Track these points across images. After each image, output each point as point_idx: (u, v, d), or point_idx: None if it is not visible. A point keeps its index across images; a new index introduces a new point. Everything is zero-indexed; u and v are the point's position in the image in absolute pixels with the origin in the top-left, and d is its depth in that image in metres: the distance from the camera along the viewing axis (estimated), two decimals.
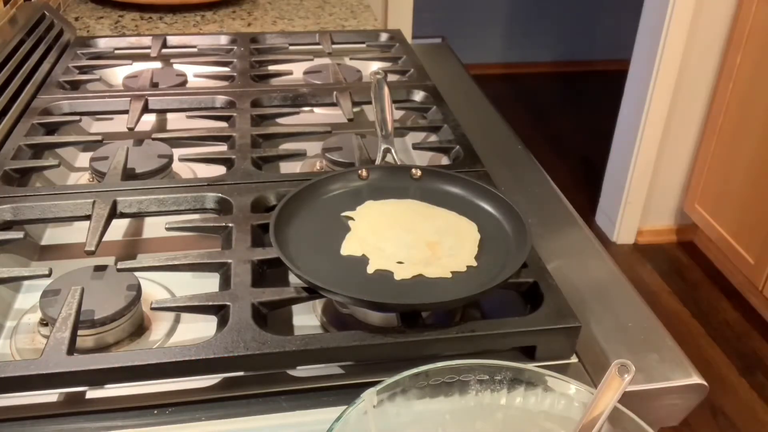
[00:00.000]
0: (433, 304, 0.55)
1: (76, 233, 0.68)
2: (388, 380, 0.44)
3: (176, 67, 1.04)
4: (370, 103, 0.90)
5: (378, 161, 0.73)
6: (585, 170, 3.04)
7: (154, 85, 0.96)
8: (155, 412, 0.49)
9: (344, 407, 0.42)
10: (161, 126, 0.93)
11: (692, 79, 2.31)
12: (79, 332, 0.53)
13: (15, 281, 0.61)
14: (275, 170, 0.80)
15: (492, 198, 0.66)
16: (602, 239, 2.60)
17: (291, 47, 1.12)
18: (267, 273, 0.59)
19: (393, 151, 0.73)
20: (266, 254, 0.59)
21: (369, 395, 0.43)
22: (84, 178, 0.79)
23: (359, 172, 0.69)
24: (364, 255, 0.59)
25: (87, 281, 0.57)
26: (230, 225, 0.64)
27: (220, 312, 0.54)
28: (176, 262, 0.59)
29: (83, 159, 0.83)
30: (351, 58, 1.10)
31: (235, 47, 1.08)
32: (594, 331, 0.58)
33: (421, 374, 0.45)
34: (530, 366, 0.46)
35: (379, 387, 0.44)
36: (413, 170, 0.70)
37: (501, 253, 0.60)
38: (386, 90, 0.78)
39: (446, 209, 0.65)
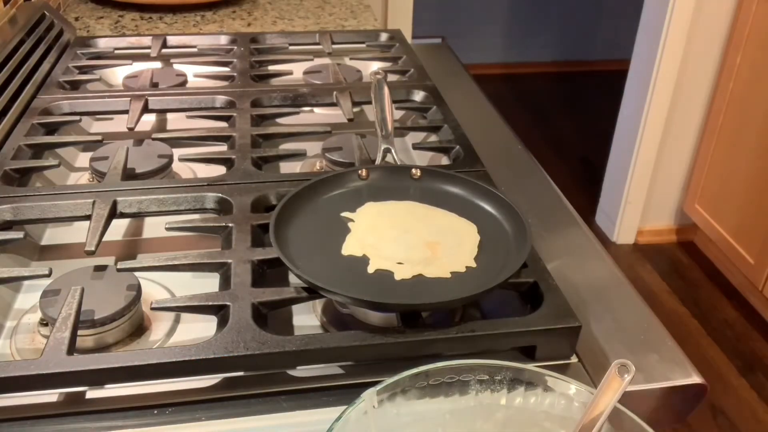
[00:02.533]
0: (433, 304, 0.54)
1: (76, 233, 0.68)
2: (388, 380, 0.44)
3: (176, 67, 1.04)
4: (370, 103, 0.90)
5: (378, 161, 0.73)
6: (585, 170, 3.05)
7: (154, 85, 0.96)
8: (155, 412, 0.49)
9: (344, 407, 0.42)
10: (161, 126, 0.93)
11: (692, 79, 2.31)
12: (79, 332, 0.53)
13: (15, 281, 0.61)
14: (275, 170, 0.80)
15: (492, 198, 0.66)
16: (602, 239, 2.60)
17: (291, 47, 1.12)
18: (267, 273, 0.59)
19: (393, 151, 0.73)
20: (266, 254, 0.59)
21: (369, 395, 0.43)
22: (84, 178, 0.79)
23: (359, 172, 0.69)
24: (364, 255, 0.59)
25: (87, 281, 0.57)
26: (230, 225, 0.64)
27: (220, 312, 0.54)
28: (176, 262, 0.59)
29: (83, 159, 0.83)
30: (351, 58, 1.10)
31: (235, 47, 1.08)
32: (594, 331, 0.58)
33: (421, 374, 0.45)
34: (530, 366, 0.46)
35: (379, 387, 0.44)
36: (413, 170, 0.70)
37: (501, 253, 0.60)
38: (386, 90, 0.78)
39: (446, 210, 0.65)
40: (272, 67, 1.04)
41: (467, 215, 0.65)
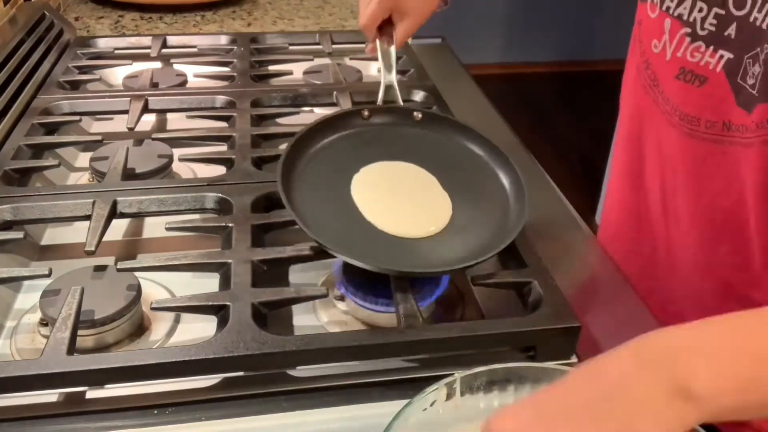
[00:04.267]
0: (425, 272, 0.56)
1: (76, 233, 0.68)
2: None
3: (176, 67, 1.04)
4: (370, 103, 0.89)
5: (380, 99, 0.72)
6: (585, 170, 3.05)
7: (154, 85, 0.96)
8: (155, 412, 0.49)
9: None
10: (161, 126, 0.93)
11: None
12: (79, 332, 0.53)
13: (15, 281, 0.61)
14: (275, 170, 0.80)
15: (481, 141, 0.67)
16: None
17: (291, 47, 1.12)
18: (267, 273, 0.59)
19: (396, 87, 0.72)
20: (266, 254, 0.59)
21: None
22: (84, 178, 0.79)
23: (362, 112, 0.70)
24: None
25: (87, 281, 0.57)
26: (230, 225, 0.64)
27: (220, 312, 0.54)
28: (176, 262, 0.59)
29: (83, 159, 0.83)
30: (351, 58, 1.10)
31: (235, 47, 1.08)
32: (594, 331, 0.58)
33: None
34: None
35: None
36: (415, 113, 0.70)
37: (499, 216, 0.62)
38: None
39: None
40: (272, 67, 1.04)
41: (464, 163, 0.66)
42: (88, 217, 0.65)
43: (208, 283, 0.60)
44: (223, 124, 0.86)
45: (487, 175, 0.65)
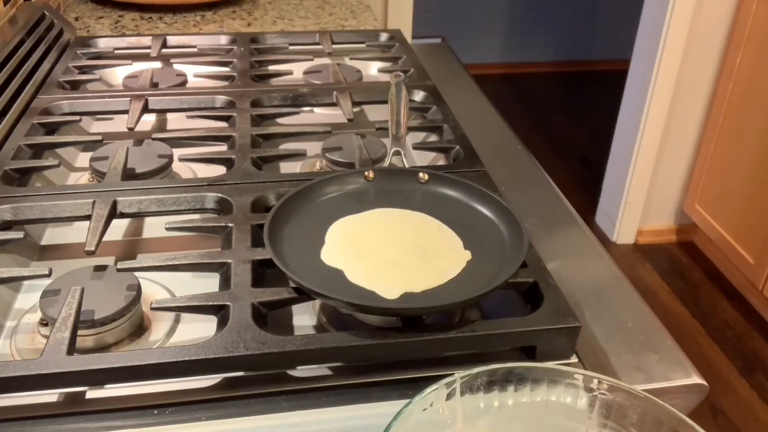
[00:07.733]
0: (426, 308, 0.54)
1: (76, 233, 0.68)
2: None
3: (176, 67, 1.04)
4: (370, 103, 0.90)
5: (386, 163, 0.73)
6: (585, 170, 3.05)
7: (154, 85, 0.96)
8: (155, 412, 0.49)
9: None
10: (161, 126, 0.93)
11: (692, 79, 2.31)
12: (79, 332, 0.53)
13: (15, 281, 0.61)
14: (275, 170, 0.80)
15: (495, 203, 0.65)
16: (602, 239, 2.60)
17: (291, 47, 1.12)
18: (267, 273, 0.59)
19: (402, 153, 0.73)
20: (266, 254, 0.59)
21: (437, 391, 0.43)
22: (84, 178, 0.79)
23: (365, 173, 0.69)
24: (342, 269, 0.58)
25: (87, 281, 0.57)
26: (230, 225, 0.64)
27: (220, 312, 0.54)
28: (176, 262, 0.59)
29: (83, 159, 0.83)
30: (351, 58, 1.10)
31: (235, 47, 1.08)
32: (594, 331, 0.58)
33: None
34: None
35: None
36: (420, 174, 0.69)
37: (496, 258, 0.59)
38: (404, 93, 0.77)
39: (440, 220, 0.64)
40: (272, 67, 1.04)
41: (467, 219, 0.65)
42: (88, 217, 0.65)
43: (208, 283, 0.60)
44: (223, 124, 0.86)
45: (487, 227, 0.63)
